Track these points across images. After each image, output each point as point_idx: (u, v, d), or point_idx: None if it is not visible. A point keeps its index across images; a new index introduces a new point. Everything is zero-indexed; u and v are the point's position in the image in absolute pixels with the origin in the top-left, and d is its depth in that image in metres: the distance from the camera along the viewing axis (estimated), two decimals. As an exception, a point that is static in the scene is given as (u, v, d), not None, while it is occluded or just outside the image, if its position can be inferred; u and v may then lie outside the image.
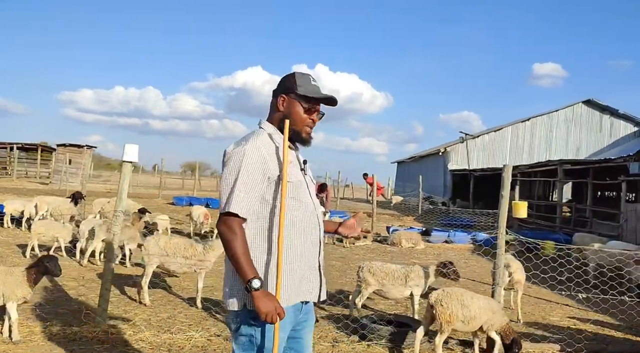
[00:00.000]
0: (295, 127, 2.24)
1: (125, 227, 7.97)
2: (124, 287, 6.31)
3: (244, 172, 2.09)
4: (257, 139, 2.18)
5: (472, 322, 4.58)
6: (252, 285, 2.01)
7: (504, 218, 4.89)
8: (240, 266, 2.04)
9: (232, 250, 2.06)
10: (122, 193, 4.59)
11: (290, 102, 2.24)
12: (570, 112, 28.75)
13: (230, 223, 2.08)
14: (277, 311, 2.03)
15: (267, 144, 2.19)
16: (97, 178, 44.33)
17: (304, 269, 2.22)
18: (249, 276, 2.02)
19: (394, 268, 5.66)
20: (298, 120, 2.24)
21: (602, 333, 5.69)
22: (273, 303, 2.03)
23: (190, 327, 4.91)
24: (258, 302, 2.01)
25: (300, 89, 2.23)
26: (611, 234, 13.37)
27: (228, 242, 2.07)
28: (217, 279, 7.24)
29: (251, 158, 2.11)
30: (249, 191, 2.10)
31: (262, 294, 2.02)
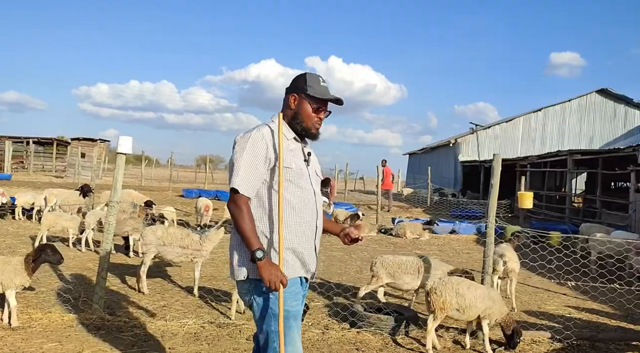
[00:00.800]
0: (304, 124, 2.50)
1: (130, 218, 8.15)
2: (125, 276, 6.47)
3: (248, 154, 2.36)
4: (264, 128, 2.44)
5: (467, 310, 4.61)
6: (256, 255, 2.25)
7: (493, 208, 4.91)
8: (247, 238, 2.29)
9: (239, 224, 2.31)
10: (116, 184, 4.71)
11: (301, 101, 2.50)
12: (584, 102, 28.29)
13: (237, 200, 2.34)
14: (279, 278, 2.26)
15: (272, 133, 2.44)
16: (111, 172, 45.11)
17: (303, 248, 2.45)
18: (253, 247, 2.27)
19: (405, 259, 5.71)
20: (307, 118, 2.50)
21: (596, 321, 5.70)
22: (276, 271, 2.27)
23: (185, 314, 5.03)
24: (261, 270, 2.25)
25: (311, 89, 2.48)
26: (620, 224, 13.23)
27: (235, 217, 2.34)
28: (216, 269, 7.39)
29: (255, 142, 2.38)
30: (251, 171, 2.35)
31: (265, 263, 2.26)
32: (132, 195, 11.97)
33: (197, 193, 19.22)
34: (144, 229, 6.03)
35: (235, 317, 5.00)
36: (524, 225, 13.90)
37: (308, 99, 2.49)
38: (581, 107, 28.25)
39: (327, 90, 2.53)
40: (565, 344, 4.78)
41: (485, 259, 4.92)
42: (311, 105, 2.49)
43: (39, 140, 36.17)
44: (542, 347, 4.77)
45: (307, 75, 2.52)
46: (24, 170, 33.33)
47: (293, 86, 2.54)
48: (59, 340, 4.15)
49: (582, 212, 15.93)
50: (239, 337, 4.56)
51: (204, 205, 10.75)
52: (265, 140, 2.40)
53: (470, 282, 4.90)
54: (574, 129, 28.15)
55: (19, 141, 35.11)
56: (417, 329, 4.96)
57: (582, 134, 28.09)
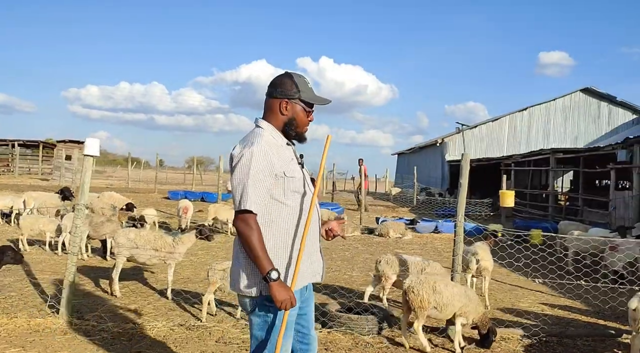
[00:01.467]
0: (299, 130, 2.47)
1: (107, 221, 8.09)
2: (100, 279, 6.42)
3: (254, 173, 2.28)
4: (262, 139, 2.36)
5: (445, 308, 4.64)
6: (271, 277, 2.25)
7: (462, 206, 4.94)
8: (259, 259, 2.26)
9: (251, 244, 2.27)
10: (84, 186, 4.67)
11: (294, 107, 2.44)
12: (568, 101, 28.57)
13: (247, 219, 2.29)
14: (291, 300, 2.29)
15: (271, 143, 2.38)
16: (100, 174, 44.67)
17: (311, 255, 2.48)
18: (267, 268, 2.26)
19: (413, 260, 5.72)
20: (301, 123, 2.47)
21: (567, 318, 5.75)
22: (288, 293, 2.28)
23: (155, 317, 5.00)
24: (275, 292, 2.25)
25: (303, 94, 2.43)
26: (601, 222, 13.38)
27: (246, 237, 2.28)
28: (194, 271, 7.35)
29: (259, 158, 2.30)
30: (259, 189, 2.30)
31: (279, 285, 2.27)
32: (114, 197, 11.88)
33: (182, 195, 19.11)
34: (116, 233, 5.99)
35: (206, 319, 4.98)
36: (507, 224, 14.01)
37: (302, 104, 2.45)
38: (566, 106, 28.52)
39: (314, 91, 2.50)
40: (534, 341, 4.82)
41: (455, 257, 4.94)
42: (305, 110, 2.46)
43: (24, 142, 35.79)
44: (511, 344, 4.80)
45: (295, 79, 2.44)
46: (9, 173, 32.97)
47: (282, 91, 2.43)
48: (22, 346, 4.10)
49: (564, 210, 16.08)
50: (208, 339, 4.54)
51: (183, 206, 10.71)
52: (267, 153, 2.32)
53: (447, 280, 4.93)
54: (559, 128, 28.42)
55: (3, 144, 34.74)
56: (389, 328, 4.97)
57: (567, 132, 28.37)
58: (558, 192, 18.21)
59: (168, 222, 12.26)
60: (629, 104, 28.38)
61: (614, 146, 13.15)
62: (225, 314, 5.25)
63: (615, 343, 4.85)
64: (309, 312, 2.61)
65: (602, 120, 28.48)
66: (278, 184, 2.37)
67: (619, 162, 12.88)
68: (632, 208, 11.78)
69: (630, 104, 28.36)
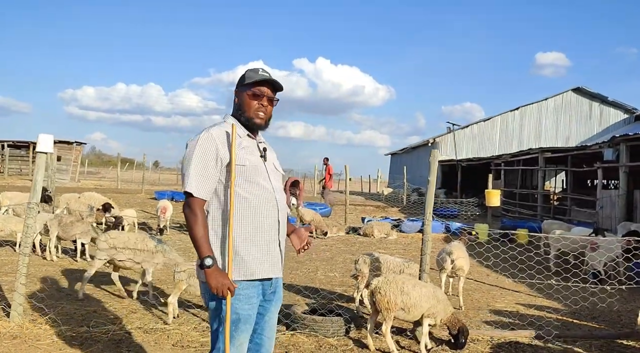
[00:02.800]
0: (246, 114, 2.48)
1: (77, 221, 7.89)
2: (64, 281, 6.24)
3: (198, 156, 2.33)
4: (212, 128, 2.41)
5: (412, 310, 4.49)
6: (205, 263, 2.25)
7: (430, 205, 4.79)
8: (197, 245, 2.29)
9: (192, 230, 2.30)
10: (36, 184, 4.49)
11: (240, 93, 2.51)
12: (560, 101, 28.52)
13: (192, 205, 2.32)
14: (226, 286, 2.24)
15: (221, 133, 2.40)
16: (94, 175, 44.40)
17: (264, 247, 2.41)
18: (203, 254, 2.27)
19: (391, 260, 5.56)
20: (247, 107, 2.48)
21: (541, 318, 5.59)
22: (223, 279, 2.25)
23: (113, 320, 4.82)
24: (209, 278, 2.25)
25: (247, 80, 2.47)
26: (588, 221, 13.27)
27: (188, 221, 2.32)
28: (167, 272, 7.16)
29: (203, 143, 2.34)
30: (202, 173, 2.32)
31: (213, 271, 2.26)
32: (94, 197, 11.68)
33: (169, 195, 18.90)
34: (101, 235, 5.85)
35: (162, 323, 4.81)
36: (494, 223, 13.90)
37: (244, 89, 2.49)
38: (557, 105, 28.47)
39: (265, 76, 2.50)
40: (504, 341, 4.67)
41: (423, 257, 4.79)
42: (249, 93, 2.47)
43: (14, 143, 35.47)
44: (480, 345, 4.65)
45: (247, 71, 2.52)
46: (0, 174, 32.68)
47: (236, 85, 2.56)
48: (-35, 350, 3.92)
49: (553, 210, 15.96)
50: (165, 343, 4.37)
51: (161, 207, 10.55)
52: (214, 140, 2.36)
53: (416, 280, 4.78)
54: (550, 128, 28.36)
55: (-7, 145, 34.43)
56: (356, 330, 4.82)
57: (559, 132, 28.31)
58: (546, 191, 18.09)
59: (149, 223, 12.07)
60: (620, 104, 28.35)
61: (601, 145, 13.03)
62: (189, 316, 5.08)
63: (587, 345, 4.71)
64: (270, 313, 2.52)
65: (594, 119, 28.44)
66: (225, 171, 2.38)
67: (606, 161, 12.77)
68: (618, 207, 11.67)
69: (621, 104, 28.32)
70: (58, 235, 7.55)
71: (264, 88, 2.49)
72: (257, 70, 2.52)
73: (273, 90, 2.54)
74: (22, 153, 36.14)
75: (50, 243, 7.53)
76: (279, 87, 2.55)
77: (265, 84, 2.49)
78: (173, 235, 10.80)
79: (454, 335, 4.57)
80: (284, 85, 2.56)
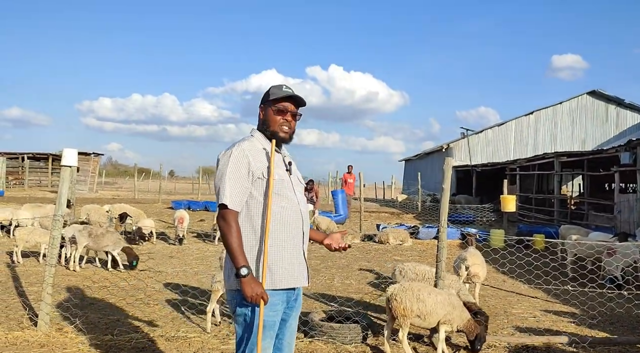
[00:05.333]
0: (270, 129, 2.60)
1: (108, 232, 8.09)
2: (87, 290, 6.40)
3: (231, 169, 2.44)
4: (243, 142, 2.54)
5: (428, 317, 4.54)
6: (240, 272, 2.35)
7: (445, 211, 4.84)
8: (233, 255, 2.38)
9: (227, 241, 2.40)
10: (61, 197, 4.66)
11: (264, 109, 2.64)
12: (575, 104, 28.25)
13: (227, 216, 2.42)
14: (260, 295, 2.35)
15: (252, 146, 2.54)
16: (111, 186, 45.06)
17: (291, 257, 2.53)
18: (239, 264, 2.36)
19: (428, 270, 5.61)
20: (272, 122, 2.60)
21: (557, 325, 5.59)
22: (258, 288, 2.36)
23: (136, 328, 4.95)
24: (244, 287, 2.35)
25: (272, 96, 2.60)
26: (607, 226, 13.13)
27: (223, 233, 2.42)
28: (185, 280, 7.30)
29: (236, 157, 2.46)
30: (235, 186, 2.43)
31: (248, 280, 2.36)
32: (125, 208, 11.92)
33: (186, 204, 19.17)
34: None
35: (187, 330, 4.93)
36: (510, 229, 13.82)
37: (269, 105, 2.61)
38: (572, 109, 28.21)
39: (289, 92, 2.62)
40: (520, 347, 4.69)
41: (438, 264, 4.84)
42: (272, 109, 2.60)
43: (34, 155, 36.21)
44: (497, 352, 4.68)
45: (272, 87, 2.65)
46: (20, 186, 33.36)
47: (261, 100, 2.68)
48: (-4, 358, 4.08)
49: (570, 214, 15.81)
50: (186, 350, 4.48)
51: (179, 217, 10.71)
52: (246, 154, 2.48)
53: (431, 288, 4.83)
54: (566, 131, 28.09)
55: (14, 157, 35.18)
56: (373, 337, 4.88)
57: (575, 136, 28.02)
58: (563, 196, 17.91)
59: (167, 232, 12.25)
60: (637, 106, 27.98)
61: (617, 148, 12.91)
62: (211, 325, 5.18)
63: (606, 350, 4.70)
64: (291, 319, 2.63)
65: (610, 122, 28.10)
66: (257, 185, 2.50)
67: (623, 164, 12.64)
68: (636, 212, 11.53)
69: (638, 106, 27.95)
70: (88, 246, 7.73)
71: (287, 104, 2.62)
72: (281, 87, 2.65)
73: (296, 106, 2.66)
74: (41, 165, 36.90)
75: (76, 253, 7.72)
76: (302, 102, 2.67)
77: (288, 100, 2.62)
78: (190, 244, 10.96)
79: (472, 340, 4.61)
80: (302, 96, 2.67)
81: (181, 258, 9.26)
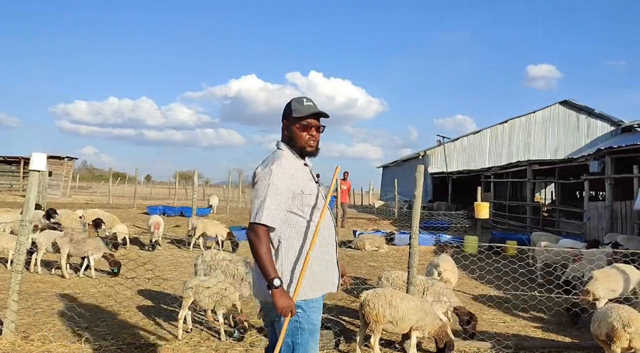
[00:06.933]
0: (298, 145, 2.69)
1: (89, 238, 7.93)
2: (62, 296, 6.27)
3: (273, 189, 2.51)
4: (282, 159, 2.62)
5: (400, 323, 4.59)
6: (273, 284, 2.43)
7: (416, 218, 4.92)
8: (264, 267, 2.46)
9: (258, 253, 2.47)
10: (29, 202, 4.57)
11: (289, 126, 2.71)
12: (548, 113, 28.92)
13: (257, 230, 2.49)
14: (291, 308, 2.45)
15: (291, 164, 2.63)
16: (85, 190, 44.13)
17: (327, 264, 2.67)
18: (270, 275, 2.45)
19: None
20: (298, 138, 2.69)
21: (526, 330, 5.71)
22: (289, 301, 2.45)
23: (105, 336, 4.87)
24: (277, 299, 2.44)
25: (295, 112, 2.67)
26: (576, 233, 13.46)
27: (255, 247, 2.49)
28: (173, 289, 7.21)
29: (278, 176, 2.53)
30: (277, 204, 2.51)
31: (280, 292, 2.44)
32: (98, 214, 11.69)
33: (161, 210, 18.90)
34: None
35: (157, 338, 4.87)
36: (484, 235, 14.05)
37: (294, 121, 2.68)
38: (545, 118, 28.87)
39: (311, 107, 2.69)
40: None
41: (410, 269, 4.90)
42: (299, 126, 2.67)
43: (5, 159, 35.29)
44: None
45: (292, 101, 2.72)
46: (-11, 190, 32.44)
47: (283, 114, 2.74)
48: (-43, 368, 3.96)
49: (541, 222, 16.16)
50: (156, 357, 4.43)
51: (155, 222, 10.57)
52: (286, 172, 2.56)
53: (404, 294, 4.89)
54: (539, 140, 28.71)
55: (-19, 160, 34.21)
56: (345, 343, 4.90)
57: (547, 144, 28.66)
58: (535, 203, 18.30)
59: (141, 238, 12.07)
60: (607, 116, 28.79)
61: (587, 157, 13.28)
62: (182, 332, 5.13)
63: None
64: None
65: (581, 132, 28.85)
66: (296, 200, 2.60)
67: (592, 173, 13.00)
68: (605, 219, 11.86)
69: (608, 116, 28.77)
70: (69, 252, 7.56)
71: (311, 120, 2.70)
72: (302, 101, 2.71)
73: (319, 118, 2.74)
74: (12, 168, 35.93)
75: (62, 260, 7.54)
76: (325, 115, 2.75)
77: (312, 116, 2.70)
78: (165, 250, 10.83)
79: (441, 348, 4.67)
80: (278, 101, 2.81)
81: (155, 264, 9.14)
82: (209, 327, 5.32)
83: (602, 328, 4.24)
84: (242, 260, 5.73)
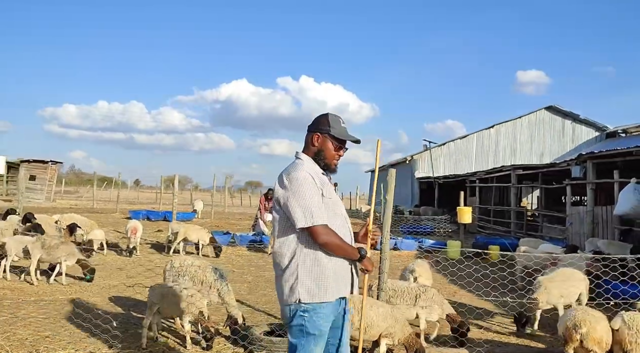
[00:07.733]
0: (326, 161, 2.77)
1: (62, 244, 7.70)
2: (27, 304, 6.09)
3: (309, 194, 2.58)
4: (304, 166, 2.69)
5: (370, 329, 4.50)
6: (362, 253, 2.67)
7: (388, 222, 4.84)
8: (347, 252, 2.64)
9: (338, 246, 2.60)
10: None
11: (324, 140, 2.77)
12: (534, 118, 29.10)
13: (324, 230, 2.57)
14: (373, 265, 2.74)
15: (311, 170, 2.70)
16: (71, 194, 43.58)
17: (342, 270, 2.69)
18: (357, 252, 2.67)
19: (403, 285, 5.48)
20: (329, 156, 2.78)
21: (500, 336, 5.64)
22: (372, 262, 2.73)
23: (65, 345, 4.71)
24: (367, 263, 2.72)
25: (333, 130, 2.75)
26: (559, 237, 13.49)
27: (335, 245, 2.60)
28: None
29: (305, 179, 2.61)
30: (315, 203, 2.58)
31: (367, 260, 2.72)
32: (74, 219, 11.46)
33: (144, 214, 18.70)
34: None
35: (123, 346, 4.72)
36: (467, 240, 14.03)
37: (331, 139, 2.75)
38: (531, 123, 29.05)
39: (346, 131, 2.80)
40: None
41: (380, 275, 4.81)
42: (333, 144, 2.76)
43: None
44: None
45: (329, 117, 2.79)
46: (-28, 194, 31.92)
47: (316, 126, 2.79)
48: None
49: (525, 226, 16.19)
50: (117, 367, 4.28)
51: (132, 227, 10.38)
52: (312, 178, 2.63)
53: (374, 300, 4.80)
54: (525, 145, 28.87)
55: (-36, 164, 33.66)
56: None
57: (533, 149, 28.83)
58: (520, 208, 18.36)
59: (120, 243, 11.86)
60: (591, 122, 29.04)
61: (569, 162, 13.32)
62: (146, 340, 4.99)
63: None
64: (346, 322, 2.79)
65: (567, 137, 29.06)
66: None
67: (574, 178, 13.04)
68: (586, 224, 11.88)
69: (592, 122, 29.02)
70: (41, 258, 7.35)
71: (346, 143, 2.83)
72: (339, 121, 2.79)
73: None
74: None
75: (32, 267, 7.31)
76: (358, 142, 2.86)
77: (348, 140, 2.82)
78: (144, 255, 10.64)
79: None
80: (269, 105, 2.80)
81: (130, 270, 8.97)
82: (176, 335, 5.18)
83: (560, 329, 4.30)
84: (210, 266, 5.60)
